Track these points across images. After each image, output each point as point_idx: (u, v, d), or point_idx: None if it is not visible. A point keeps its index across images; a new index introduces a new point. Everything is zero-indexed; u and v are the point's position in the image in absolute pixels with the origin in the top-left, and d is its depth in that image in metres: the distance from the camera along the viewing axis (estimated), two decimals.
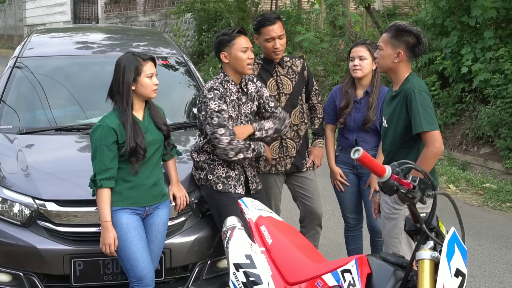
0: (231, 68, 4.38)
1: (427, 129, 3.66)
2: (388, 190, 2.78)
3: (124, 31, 8.26)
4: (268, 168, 4.84)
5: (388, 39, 3.83)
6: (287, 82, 4.83)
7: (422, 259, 2.79)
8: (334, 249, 5.97)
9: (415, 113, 3.69)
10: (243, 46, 4.34)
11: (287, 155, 4.86)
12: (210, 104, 4.24)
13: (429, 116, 3.69)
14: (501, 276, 5.59)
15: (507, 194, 7.93)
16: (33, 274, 4.13)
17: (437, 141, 3.67)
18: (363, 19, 14.44)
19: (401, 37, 3.79)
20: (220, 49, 4.38)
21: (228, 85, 4.38)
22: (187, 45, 18.72)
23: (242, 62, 4.34)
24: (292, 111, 4.84)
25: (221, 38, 4.38)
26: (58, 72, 5.62)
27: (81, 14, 25.64)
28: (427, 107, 3.71)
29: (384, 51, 3.85)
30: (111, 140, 3.85)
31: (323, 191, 5.38)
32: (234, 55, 4.34)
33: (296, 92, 4.86)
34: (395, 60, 3.83)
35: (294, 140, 4.88)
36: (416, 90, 3.72)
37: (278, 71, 4.83)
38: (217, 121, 4.22)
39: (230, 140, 4.21)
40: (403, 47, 3.80)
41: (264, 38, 4.71)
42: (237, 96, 4.40)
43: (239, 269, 3.40)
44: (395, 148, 3.89)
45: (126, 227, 3.89)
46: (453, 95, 9.90)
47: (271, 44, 4.70)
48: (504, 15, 9.35)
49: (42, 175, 4.38)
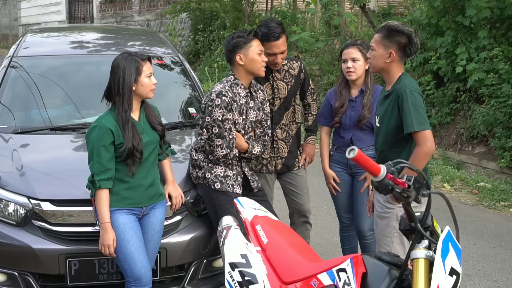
0: (244, 70, 4.39)
1: (418, 129, 3.69)
2: (383, 190, 2.78)
3: (119, 30, 8.26)
4: (259, 167, 4.85)
5: (380, 39, 3.86)
6: (283, 86, 4.85)
7: (417, 258, 2.79)
8: (329, 248, 5.98)
9: (407, 113, 3.71)
10: (258, 49, 4.38)
11: (278, 155, 4.88)
12: (215, 111, 4.25)
13: (420, 116, 3.71)
14: (496, 274, 5.60)
15: (501, 193, 7.96)
16: (28, 274, 4.12)
17: (428, 141, 3.69)
18: (359, 18, 14.45)
19: (393, 37, 3.82)
20: (236, 51, 4.37)
21: (237, 88, 4.38)
22: (182, 45, 18.71)
23: (257, 64, 4.37)
24: (284, 113, 4.87)
25: (237, 40, 4.38)
26: (53, 72, 5.61)
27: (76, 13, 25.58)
28: (419, 107, 3.73)
29: (376, 51, 3.88)
30: (108, 141, 3.84)
31: (319, 190, 5.39)
32: (251, 57, 4.35)
33: (290, 96, 4.89)
34: (387, 60, 3.85)
35: (285, 140, 4.91)
36: (408, 90, 3.74)
37: (275, 76, 4.84)
38: (217, 131, 4.25)
39: (225, 154, 4.28)
40: (394, 47, 3.82)
41: (266, 52, 4.63)
42: (245, 100, 4.41)
43: (234, 268, 3.40)
44: (387, 148, 3.91)
45: (123, 227, 3.89)
46: (448, 95, 9.92)
47: (272, 58, 4.70)
48: (498, 14, 9.36)
49: (37, 174, 4.37)
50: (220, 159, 4.31)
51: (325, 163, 4.95)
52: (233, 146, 4.29)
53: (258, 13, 16.33)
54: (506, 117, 8.59)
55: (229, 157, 4.30)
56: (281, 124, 4.86)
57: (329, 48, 13.44)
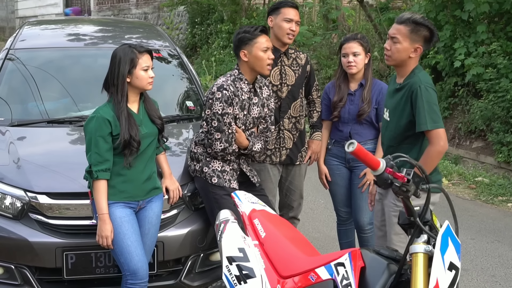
0: (248, 67, 4.33)
1: (432, 127, 3.60)
2: (382, 184, 2.77)
3: (116, 23, 8.22)
4: (263, 158, 4.81)
5: (408, 33, 3.72)
6: (291, 73, 4.82)
7: (416, 252, 2.78)
8: (327, 242, 5.98)
9: (420, 110, 3.62)
10: (264, 46, 4.28)
11: (283, 146, 4.84)
12: (215, 105, 4.21)
13: (435, 114, 3.62)
14: (493, 269, 5.60)
15: (499, 188, 7.96)
16: (25, 267, 4.11)
17: (441, 140, 3.61)
18: (356, 12, 14.42)
19: (420, 31, 3.71)
20: (240, 46, 4.31)
21: (240, 83, 4.33)
22: (180, 38, 18.68)
23: (262, 62, 4.29)
24: (292, 103, 4.82)
25: (242, 36, 4.31)
26: (50, 64, 5.58)
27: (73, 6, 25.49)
28: (433, 104, 3.63)
29: (401, 44, 3.74)
30: (106, 131, 3.82)
31: (316, 184, 5.38)
32: (255, 54, 4.28)
33: (298, 85, 4.85)
34: (411, 55, 3.75)
35: (292, 132, 4.86)
36: (423, 86, 3.65)
37: (283, 61, 4.81)
38: (217, 124, 4.22)
39: (223, 148, 4.24)
40: (421, 41, 3.73)
41: (284, 17, 4.68)
42: (248, 96, 4.36)
43: (232, 262, 3.39)
44: (395, 143, 3.82)
45: (119, 221, 3.87)
46: (446, 89, 9.91)
47: (289, 25, 4.69)
48: (497, 9, 9.35)
49: (34, 167, 4.35)
50: (219, 153, 4.28)
51: (321, 158, 4.94)
52: (232, 140, 4.26)
53: (256, 6, 16.30)
54: (504, 112, 8.59)
55: (228, 151, 4.28)
56: (289, 115, 4.81)
57: (327, 42, 13.42)
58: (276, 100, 4.75)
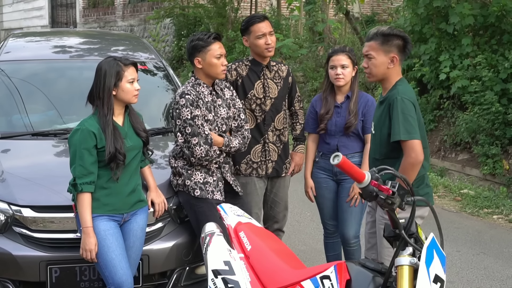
0: (203, 73, 4.36)
1: (405, 138, 3.61)
2: (368, 196, 2.76)
3: (102, 35, 8.21)
4: (249, 171, 4.81)
5: (379, 46, 3.78)
6: (273, 86, 4.83)
7: (401, 265, 2.78)
8: (313, 255, 5.96)
9: (395, 120, 3.65)
10: (218, 53, 4.31)
11: (269, 159, 4.84)
12: (182, 112, 4.22)
13: (409, 125, 3.63)
14: (479, 282, 5.61)
15: (484, 200, 7.99)
16: (8, 281, 4.07)
17: (413, 151, 3.61)
18: (342, 25, 14.49)
19: (391, 41, 3.76)
20: (194, 54, 4.33)
21: (200, 88, 4.35)
22: (166, 50, 18.67)
23: (216, 69, 4.32)
24: (276, 115, 4.83)
25: (196, 43, 4.33)
26: (35, 77, 5.56)
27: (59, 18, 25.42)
28: (408, 115, 3.65)
29: (376, 59, 3.79)
30: (91, 144, 3.80)
31: (303, 197, 5.36)
32: (208, 61, 4.30)
33: (280, 97, 4.86)
34: (389, 66, 3.78)
35: (276, 144, 4.87)
36: (399, 98, 3.67)
37: (266, 74, 4.82)
38: (190, 130, 4.21)
39: (206, 151, 4.22)
40: (395, 50, 3.77)
41: (255, 35, 4.69)
42: (211, 98, 4.38)
43: (217, 275, 3.38)
44: (380, 156, 3.84)
45: (104, 234, 3.84)
46: (431, 102, 9.96)
47: (263, 40, 4.69)
48: (482, 22, 9.43)
49: (18, 180, 4.32)
50: (203, 159, 4.26)
51: (308, 171, 4.93)
52: (211, 141, 4.24)
53: (242, 19, 16.32)
54: (489, 124, 8.64)
55: (211, 154, 4.25)
56: (273, 127, 4.82)
57: (313, 54, 13.46)
58: (260, 113, 4.76)
